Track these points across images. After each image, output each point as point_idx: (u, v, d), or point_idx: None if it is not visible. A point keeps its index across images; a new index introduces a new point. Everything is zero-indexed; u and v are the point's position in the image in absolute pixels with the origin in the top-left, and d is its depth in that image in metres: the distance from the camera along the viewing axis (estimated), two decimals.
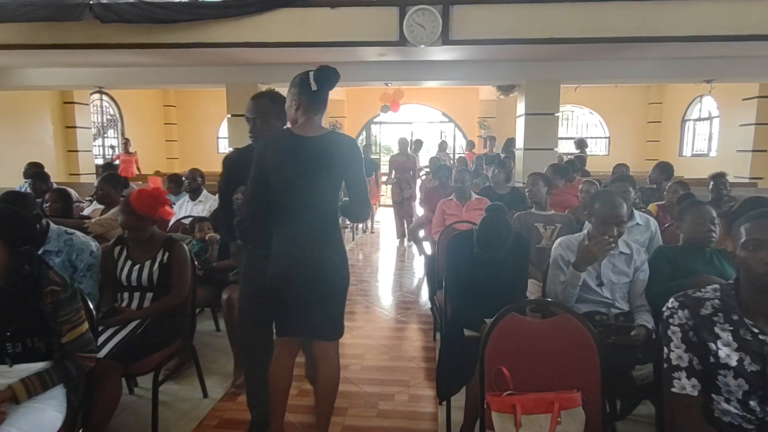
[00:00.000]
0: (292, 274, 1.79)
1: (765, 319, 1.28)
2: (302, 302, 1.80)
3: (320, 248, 1.79)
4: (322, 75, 1.76)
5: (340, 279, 1.85)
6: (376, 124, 11.94)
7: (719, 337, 1.29)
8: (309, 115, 1.80)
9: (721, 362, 1.27)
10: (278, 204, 1.79)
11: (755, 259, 1.25)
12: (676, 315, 1.34)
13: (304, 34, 4.74)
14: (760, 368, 1.25)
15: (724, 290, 1.34)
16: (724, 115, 9.08)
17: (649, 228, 3.06)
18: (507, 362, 1.50)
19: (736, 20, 4.43)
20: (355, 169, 1.81)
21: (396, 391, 2.63)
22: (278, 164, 1.75)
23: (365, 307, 4.17)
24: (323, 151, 1.75)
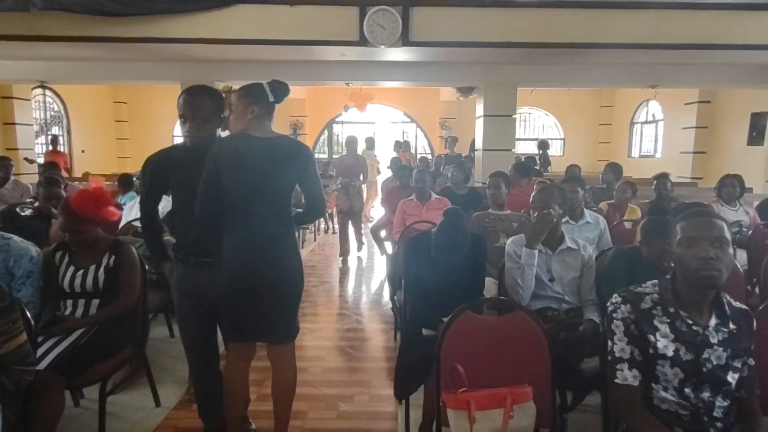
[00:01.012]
0: (246, 277, 1.75)
1: (698, 311, 1.37)
2: (257, 305, 1.77)
3: (276, 249, 1.77)
4: (277, 89, 1.83)
5: (295, 280, 1.84)
6: (338, 123, 11.88)
7: (658, 329, 1.36)
8: (263, 121, 1.80)
9: (660, 353, 1.35)
10: (232, 206, 1.75)
11: (689, 255, 1.33)
12: (619, 309, 1.41)
13: (263, 32, 4.65)
14: (693, 357, 1.33)
15: (662, 285, 1.42)
16: (668, 118, 9.64)
17: (599, 226, 3.21)
18: (462, 360, 1.53)
19: (678, 30, 4.71)
20: (310, 171, 1.82)
21: (356, 392, 2.63)
22: (235, 164, 1.71)
23: (326, 308, 4.14)
24: (280, 153, 1.75)
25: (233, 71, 5.83)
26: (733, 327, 1.37)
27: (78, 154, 9.56)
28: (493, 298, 1.85)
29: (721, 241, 1.31)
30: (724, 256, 1.31)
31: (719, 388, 1.35)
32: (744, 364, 1.38)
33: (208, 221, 1.78)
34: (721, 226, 1.34)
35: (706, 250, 1.30)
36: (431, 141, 11.76)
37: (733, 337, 1.36)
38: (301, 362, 2.97)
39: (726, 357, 1.34)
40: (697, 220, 1.36)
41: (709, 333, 1.35)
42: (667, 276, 1.44)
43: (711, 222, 1.35)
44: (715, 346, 1.34)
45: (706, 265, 1.29)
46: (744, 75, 5.98)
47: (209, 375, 1.94)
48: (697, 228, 1.34)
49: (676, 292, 1.39)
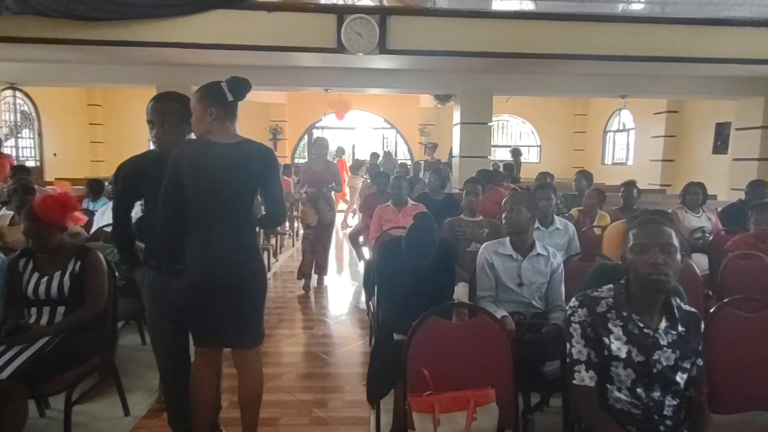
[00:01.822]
0: (208, 282, 1.76)
1: (649, 315, 1.44)
2: (219, 309, 1.78)
3: (237, 254, 1.78)
4: (236, 86, 1.79)
5: (258, 285, 1.85)
6: (319, 128, 11.88)
7: (612, 332, 1.43)
8: (225, 124, 1.80)
9: (613, 354, 1.41)
10: (194, 211, 1.75)
11: (640, 261, 1.40)
12: (576, 313, 1.47)
13: (239, 37, 4.65)
14: (644, 358, 1.40)
15: (617, 289, 1.49)
16: (638, 127, 9.94)
17: (568, 232, 3.30)
18: (429, 364, 1.56)
19: (644, 43, 4.90)
20: (272, 177, 1.82)
21: (330, 397, 2.64)
22: (195, 171, 1.72)
23: (303, 313, 4.14)
24: (240, 158, 1.75)
25: (210, 76, 5.61)
26: (682, 329, 1.44)
27: (50, 157, 9.31)
28: (457, 302, 1.90)
29: (669, 248, 1.39)
30: (672, 262, 1.38)
31: (669, 388, 1.42)
32: (692, 364, 1.45)
33: (171, 228, 1.78)
34: (669, 233, 1.41)
35: (656, 255, 1.37)
36: (411, 147, 11.86)
37: (682, 339, 1.43)
38: (276, 368, 3.00)
39: (675, 358, 1.41)
40: (648, 227, 1.44)
41: (659, 335, 1.41)
42: (621, 281, 1.51)
43: (660, 229, 1.42)
44: (664, 348, 1.41)
45: (655, 270, 1.37)
46: (708, 87, 6.23)
47: (180, 383, 1.93)
48: (647, 235, 1.42)
49: (629, 296, 1.46)
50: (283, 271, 5.59)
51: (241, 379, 1.90)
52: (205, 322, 1.81)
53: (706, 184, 4.80)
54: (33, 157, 9.12)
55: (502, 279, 2.20)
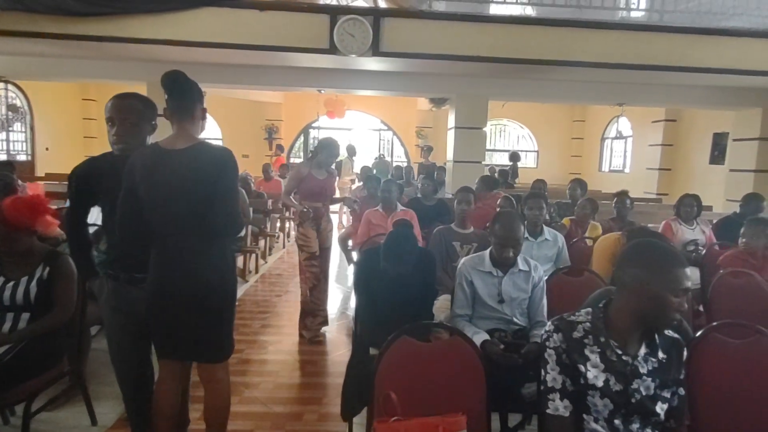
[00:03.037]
0: (167, 294, 1.68)
1: (629, 341, 1.36)
2: (181, 323, 1.70)
3: (198, 264, 1.69)
4: (164, 85, 1.72)
5: (220, 297, 1.75)
6: (315, 128, 11.80)
7: (588, 359, 1.35)
8: (179, 125, 1.73)
9: (590, 383, 1.34)
10: (152, 221, 1.69)
11: (676, 304, 1.29)
12: (551, 338, 1.39)
13: (231, 36, 4.57)
14: (623, 388, 1.32)
15: (595, 314, 1.41)
16: (636, 135, 9.89)
17: (557, 243, 3.23)
18: (398, 386, 1.49)
19: (641, 51, 4.83)
20: (224, 182, 1.69)
21: (306, 410, 2.56)
22: (146, 180, 1.65)
23: (287, 320, 4.05)
24: (190, 164, 1.66)
25: (203, 74, 5.66)
26: (663, 356, 1.37)
27: (41, 151, 9.22)
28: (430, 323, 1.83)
29: (686, 292, 1.33)
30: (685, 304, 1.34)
31: (648, 419, 1.35)
32: (674, 394, 1.38)
33: (129, 237, 1.71)
34: (690, 276, 1.33)
35: (685, 300, 1.32)
36: (408, 150, 11.79)
37: (663, 366, 1.36)
38: (255, 377, 2.92)
39: (654, 387, 1.34)
40: (684, 272, 1.33)
41: (638, 363, 1.34)
42: (600, 304, 1.43)
43: (687, 274, 1.33)
44: (644, 377, 1.33)
45: (680, 314, 1.32)
46: (705, 96, 6.17)
47: (141, 398, 1.86)
48: (684, 279, 1.32)
49: (607, 321, 1.38)
50: (271, 274, 5.51)
51: (206, 394, 1.82)
52: (167, 334, 1.73)
53: (702, 194, 4.76)
54: (24, 151, 9.03)
55: (482, 296, 2.13)
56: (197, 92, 1.79)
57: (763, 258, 3.12)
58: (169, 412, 1.78)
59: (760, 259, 3.10)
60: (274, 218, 6.30)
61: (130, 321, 1.79)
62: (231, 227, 1.73)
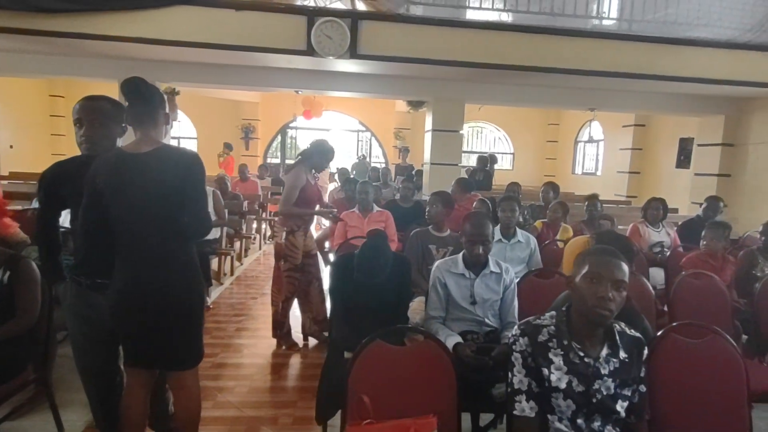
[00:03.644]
0: (132, 301, 1.66)
1: (591, 343, 1.42)
2: (147, 330, 1.68)
3: (160, 271, 1.66)
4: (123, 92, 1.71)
5: (187, 303, 1.72)
6: (293, 128, 11.72)
7: (552, 362, 1.40)
8: (142, 131, 1.71)
9: (553, 385, 1.38)
10: (116, 227, 1.66)
11: (590, 291, 1.36)
12: (518, 342, 1.44)
13: (206, 35, 4.50)
14: (585, 388, 1.38)
15: (559, 317, 1.46)
16: (607, 139, 10.17)
17: (530, 246, 3.32)
18: (371, 390, 1.51)
19: (611, 59, 4.98)
20: (191, 185, 1.67)
21: (281, 413, 2.56)
22: (110, 185, 1.63)
23: (263, 323, 4.02)
24: (155, 167, 1.64)
25: (176, 73, 5.60)
26: (624, 356, 1.42)
27: (5, 149, 8.87)
28: (404, 327, 1.85)
29: (621, 285, 1.36)
30: (620, 299, 1.37)
31: (609, 417, 1.40)
32: (634, 391, 1.43)
33: (92, 242, 1.69)
34: (625, 270, 1.38)
35: (608, 290, 1.34)
36: (386, 151, 11.82)
37: (624, 366, 1.42)
38: (228, 381, 2.89)
39: (615, 386, 1.39)
40: (606, 259, 1.39)
41: (600, 364, 1.39)
42: (563, 308, 1.48)
43: (617, 264, 1.38)
44: (605, 377, 1.39)
45: (603, 304, 1.34)
46: (671, 103, 6.40)
47: (107, 406, 1.82)
48: (603, 267, 1.37)
49: (570, 324, 1.43)
50: (247, 276, 5.45)
51: (176, 402, 1.80)
52: (133, 342, 1.71)
53: (669, 197, 4.93)
54: None
55: (455, 298, 2.17)
56: (159, 98, 1.77)
57: (723, 260, 3.27)
58: (137, 420, 1.75)
59: (720, 261, 3.24)
60: (250, 220, 6.23)
61: (94, 327, 1.76)
62: (198, 230, 1.71)
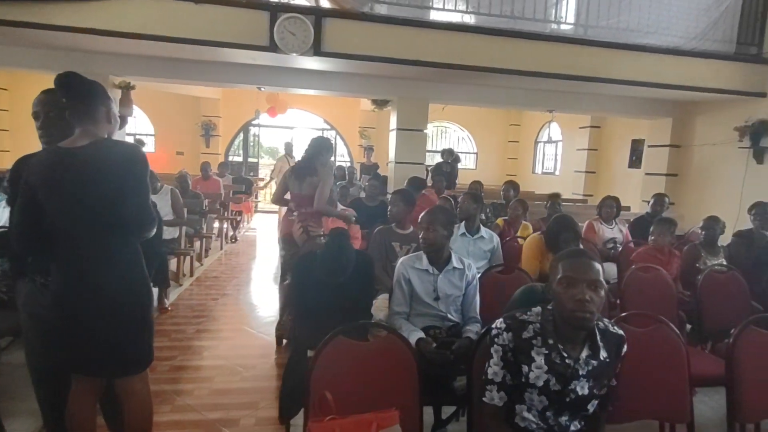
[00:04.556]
0: (70, 303, 1.58)
1: (573, 344, 1.42)
2: (89, 336, 1.60)
3: (100, 271, 1.59)
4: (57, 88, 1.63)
5: (130, 305, 1.65)
6: (255, 126, 11.49)
7: (534, 360, 1.40)
8: (80, 126, 1.62)
9: (531, 382, 1.40)
10: (50, 226, 1.58)
11: (567, 295, 1.36)
12: (500, 336, 1.44)
13: (163, 28, 4.35)
14: (561, 388, 1.39)
15: (545, 315, 1.45)
16: (565, 140, 10.55)
17: (492, 242, 3.40)
18: (333, 386, 1.50)
19: (570, 62, 5.17)
20: (130, 181, 1.59)
21: (242, 414, 2.51)
22: (45, 183, 1.55)
23: (224, 323, 3.93)
24: (93, 162, 1.56)
25: (131, 66, 5.38)
26: (604, 356, 1.42)
27: None
28: (366, 323, 1.86)
29: (596, 284, 1.36)
30: (598, 298, 1.36)
31: (578, 414, 1.43)
32: (605, 387, 1.45)
33: (28, 243, 1.60)
34: (598, 269, 1.39)
35: (583, 291, 1.34)
36: (351, 150, 11.79)
37: (602, 366, 1.42)
38: (187, 385, 2.81)
39: (589, 387, 1.40)
40: (578, 261, 1.39)
41: (579, 366, 1.40)
42: (548, 306, 1.47)
43: (590, 265, 1.38)
44: (581, 378, 1.40)
45: (581, 306, 1.33)
46: (624, 106, 6.71)
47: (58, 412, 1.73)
48: (576, 270, 1.37)
49: (556, 323, 1.42)
50: (208, 276, 5.31)
51: (124, 408, 1.72)
52: (74, 348, 1.62)
53: (622, 195, 5.17)
54: None
55: (419, 293, 2.19)
56: (99, 94, 1.66)
57: (669, 254, 3.46)
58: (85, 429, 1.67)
59: (667, 255, 3.43)
60: (211, 219, 6.07)
61: (46, 328, 1.67)
62: (141, 227, 1.64)
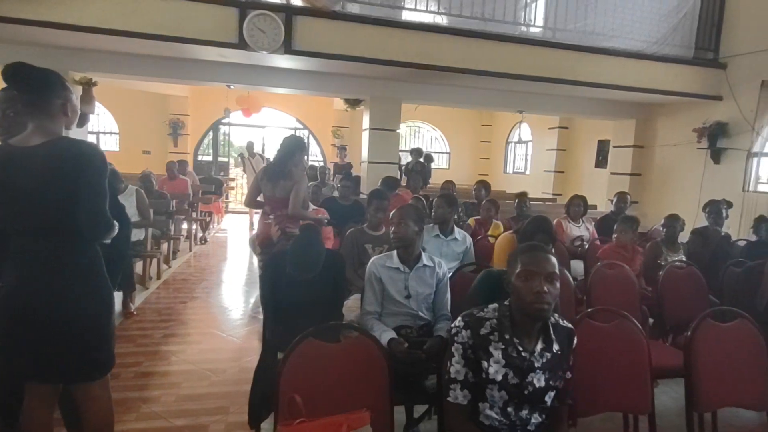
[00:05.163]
0: (19, 308, 1.51)
1: (528, 337, 1.46)
2: (38, 340, 1.52)
3: (53, 276, 1.51)
4: (5, 79, 1.53)
5: (85, 311, 1.57)
6: (225, 124, 11.27)
7: (492, 355, 1.43)
8: (34, 122, 1.53)
9: (490, 378, 1.42)
10: (4, 228, 1.51)
11: (525, 288, 1.40)
12: (460, 334, 1.46)
13: (127, 23, 4.20)
14: (519, 381, 1.43)
15: (501, 311, 1.48)
16: (535, 140, 10.78)
17: (465, 243, 3.43)
18: (303, 389, 1.48)
19: (538, 64, 5.29)
20: (87, 180, 1.50)
21: (212, 420, 2.45)
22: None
23: (193, 327, 3.84)
24: (46, 162, 1.48)
25: (93, 62, 5.18)
26: (557, 348, 1.47)
27: None
28: (337, 324, 1.84)
29: (553, 277, 1.41)
30: (554, 290, 1.41)
31: (537, 406, 1.47)
32: (561, 378, 1.49)
33: None
34: (554, 262, 1.44)
35: (541, 284, 1.38)
36: (324, 149, 11.72)
37: (556, 358, 1.47)
38: (153, 391, 2.73)
39: (545, 379, 1.44)
40: (535, 255, 1.45)
41: (534, 358, 1.44)
42: (505, 302, 1.50)
43: (546, 258, 1.44)
44: (537, 370, 1.44)
45: (540, 298, 1.38)
46: (590, 107, 6.91)
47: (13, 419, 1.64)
48: (534, 263, 1.42)
49: (512, 318, 1.46)
50: (175, 279, 5.16)
51: (83, 416, 1.64)
52: (26, 354, 1.54)
53: (589, 194, 5.32)
54: None
55: (390, 292, 2.19)
56: (55, 86, 1.55)
57: (633, 251, 3.58)
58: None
59: (631, 252, 3.55)
60: (178, 220, 5.91)
61: None
62: (96, 230, 1.55)
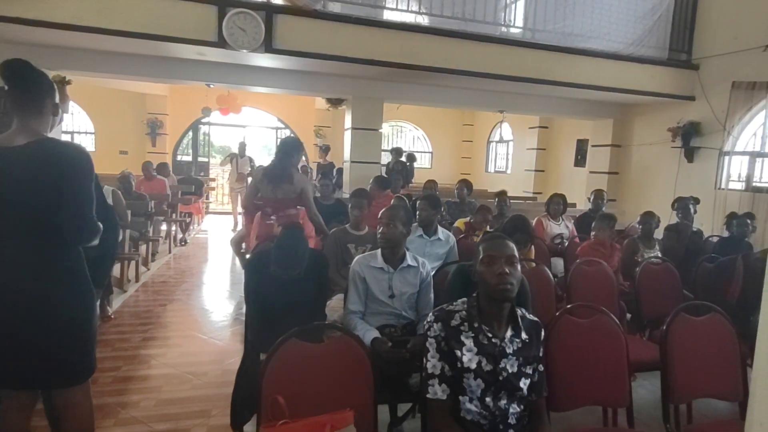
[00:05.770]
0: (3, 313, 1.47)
1: (497, 325, 1.53)
2: (18, 345, 1.48)
3: (36, 280, 1.48)
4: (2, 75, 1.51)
5: (68, 315, 1.54)
6: (205, 124, 11.11)
7: (464, 344, 1.49)
8: (22, 121, 1.52)
9: (465, 366, 1.47)
10: None
11: (488, 272, 1.50)
12: (432, 328, 1.52)
13: (103, 20, 4.11)
14: (492, 367, 1.48)
15: (470, 302, 1.57)
16: (516, 139, 10.92)
17: (449, 243, 3.45)
18: (286, 389, 1.48)
19: (518, 64, 5.35)
20: (72, 182, 1.49)
21: (193, 424, 2.42)
22: None
23: (173, 330, 3.77)
24: (31, 163, 1.46)
25: (67, 60, 5.04)
26: (525, 337, 1.55)
27: None
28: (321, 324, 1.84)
29: (513, 260, 1.52)
30: (515, 272, 1.51)
31: (514, 395, 1.51)
32: (534, 370, 1.56)
33: None
34: (512, 247, 1.55)
35: (503, 266, 1.49)
36: (306, 149, 11.63)
37: (526, 346, 1.54)
38: (132, 396, 2.68)
39: (518, 365, 1.51)
40: (495, 242, 1.56)
41: (505, 344, 1.51)
42: (473, 294, 1.58)
43: (505, 243, 1.55)
44: (509, 356, 1.50)
45: (501, 279, 1.47)
46: (569, 107, 7.03)
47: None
48: (494, 248, 1.53)
49: (480, 308, 1.54)
50: (155, 282, 5.07)
51: (63, 422, 1.61)
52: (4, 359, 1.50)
53: (568, 193, 5.40)
54: None
55: (374, 292, 2.20)
56: (47, 85, 1.57)
57: (611, 248, 3.66)
58: None
59: (609, 249, 3.62)
60: (157, 221, 5.80)
61: None
62: (81, 234, 1.52)
